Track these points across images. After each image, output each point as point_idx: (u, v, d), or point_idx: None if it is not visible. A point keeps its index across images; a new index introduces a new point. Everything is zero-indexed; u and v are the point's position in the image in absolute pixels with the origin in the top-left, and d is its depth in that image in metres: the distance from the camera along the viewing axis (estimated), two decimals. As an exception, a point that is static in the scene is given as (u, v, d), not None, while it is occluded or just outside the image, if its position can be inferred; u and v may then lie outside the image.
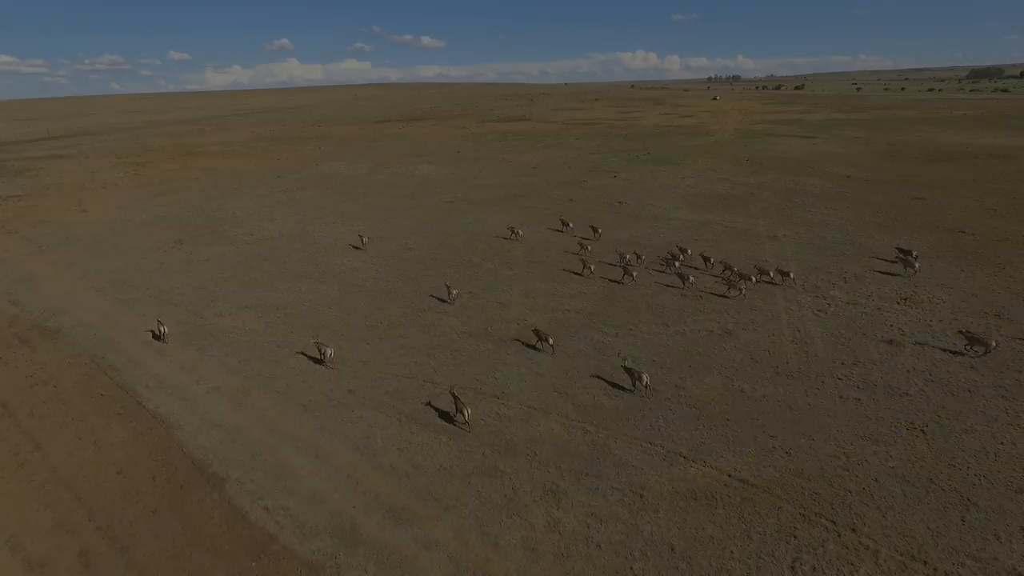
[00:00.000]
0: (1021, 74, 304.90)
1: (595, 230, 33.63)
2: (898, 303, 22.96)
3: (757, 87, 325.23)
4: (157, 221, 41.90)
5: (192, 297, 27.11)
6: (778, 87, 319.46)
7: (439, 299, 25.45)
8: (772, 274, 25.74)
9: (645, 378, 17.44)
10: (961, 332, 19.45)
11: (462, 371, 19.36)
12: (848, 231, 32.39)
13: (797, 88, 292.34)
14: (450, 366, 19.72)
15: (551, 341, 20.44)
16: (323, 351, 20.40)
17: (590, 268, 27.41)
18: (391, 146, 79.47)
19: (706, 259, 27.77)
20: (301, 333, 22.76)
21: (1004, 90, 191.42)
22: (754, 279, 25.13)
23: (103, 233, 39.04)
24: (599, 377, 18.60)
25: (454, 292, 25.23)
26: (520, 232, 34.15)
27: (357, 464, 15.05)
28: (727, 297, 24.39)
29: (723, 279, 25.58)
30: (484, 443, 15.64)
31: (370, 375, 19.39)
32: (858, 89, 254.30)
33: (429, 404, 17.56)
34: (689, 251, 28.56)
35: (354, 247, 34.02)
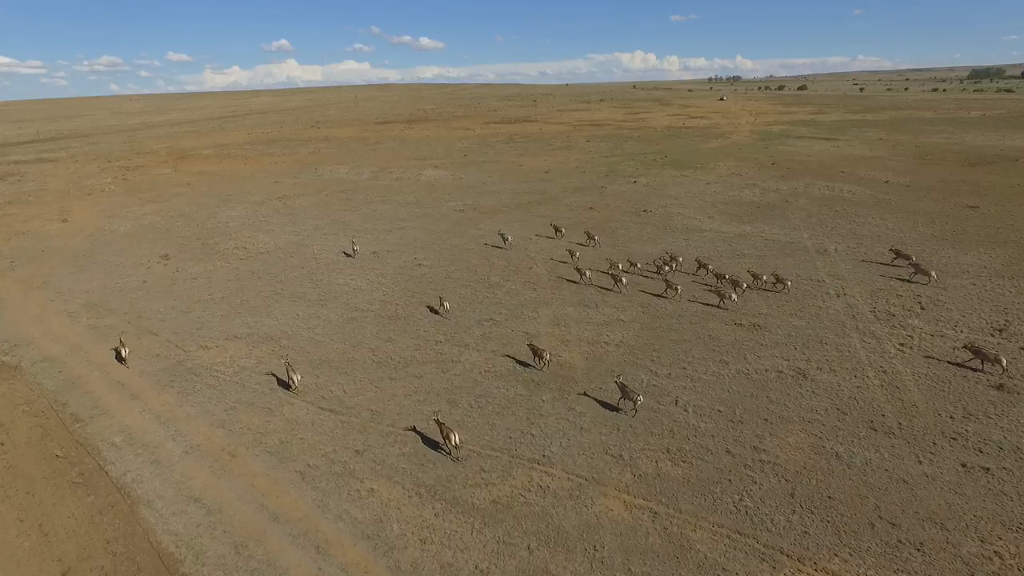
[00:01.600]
0: (1022, 74, 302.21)
1: (591, 237, 32.08)
2: (992, 335, 19.80)
3: (760, 87, 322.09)
4: (143, 232, 38.65)
5: (175, 324, 23.88)
6: (780, 87, 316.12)
7: (456, 329, 22.27)
8: (765, 279, 24.47)
9: (639, 400, 16.18)
10: (968, 346, 18.12)
11: (491, 425, 16.16)
12: (906, 245, 29.19)
13: (800, 89, 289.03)
14: (476, 418, 16.52)
15: (547, 358, 18.81)
16: (291, 376, 18.24)
17: (586, 275, 26.30)
18: (394, 149, 76.25)
19: (702, 264, 26.60)
20: (299, 369, 19.48)
21: (1008, 90, 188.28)
22: (746, 286, 24.06)
23: (83, 246, 35.78)
24: (658, 433, 15.42)
25: (446, 304, 23.55)
26: (510, 239, 32.26)
27: (369, 562, 11.84)
28: (720, 307, 23.02)
29: (713, 289, 23.96)
30: (528, 531, 12.43)
31: (381, 430, 16.18)
32: (861, 90, 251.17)
33: (414, 429, 14.62)
34: (680, 258, 27.57)
35: (346, 254, 31.89)
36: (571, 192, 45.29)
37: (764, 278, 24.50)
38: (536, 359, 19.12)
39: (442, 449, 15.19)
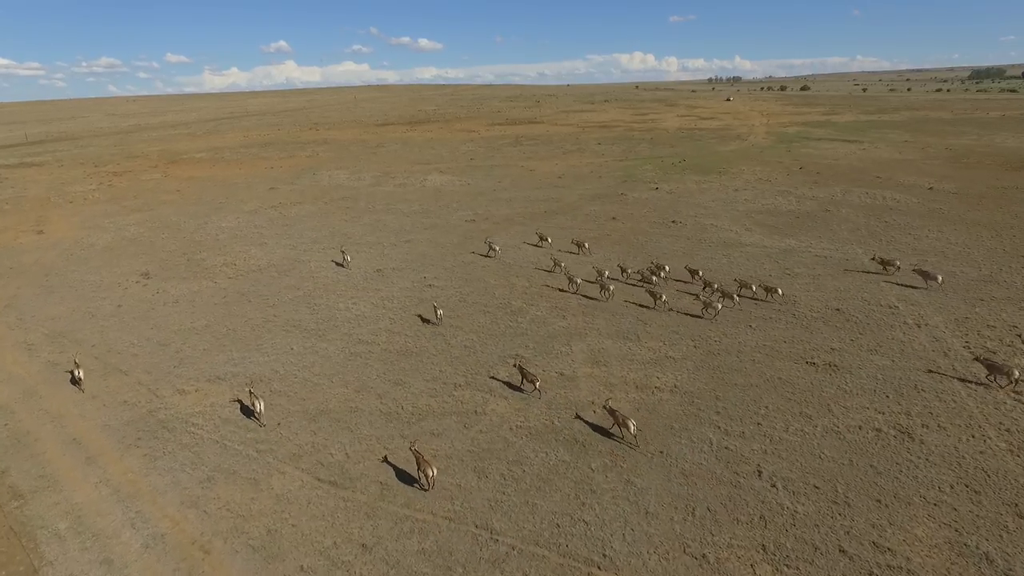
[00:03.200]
0: (1023, 75, 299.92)
1: (580, 245, 30.31)
2: (1123, 380, 16.55)
3: (762, 88, 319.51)
4: (124, 245, 35.34)
5: (149, 359, 20.59)
6: (783, 88, 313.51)
7: (476, 368, 19.01)
8: (755, 289, 23.28)
9: (632, 426, 14.65)
10: (979, 359, 17.00)
11: (532, 506, 12.87)
12: (978, 263, 26.00)
13: (803, 89, 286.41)
14: (512, 496, 13.23)
15: (537, 384, 16.98)
16: (256, 404, 16.45)
17: (576, 284, 24.86)
18: (395, 152, 72.97)
19: (693, 272, 25.49)
20: (292, 423, 16.32)
21: (1012, 91, 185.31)
22: (736, 297, 22.58)
23: (56, 262, 32.47)
24: (746, 521, 12.16)
25: (440, 312, 22.37)
26: (498, 249, 30.29)
27: None
28: (702, 317, 21.67)
29: (700, 299, 22.45)
30: None
31: (393, 512, 12.90)
32: (864, 90, 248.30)
33: (385, 460, 11.19)
34: (668, 267, 26.18)
35: (337, 264, 30.10)
36: (589, 200, 42.02)
37: (753, 288, 23.33)
38: (525, 382, 17.35)
39: (417, 484, 13.54)
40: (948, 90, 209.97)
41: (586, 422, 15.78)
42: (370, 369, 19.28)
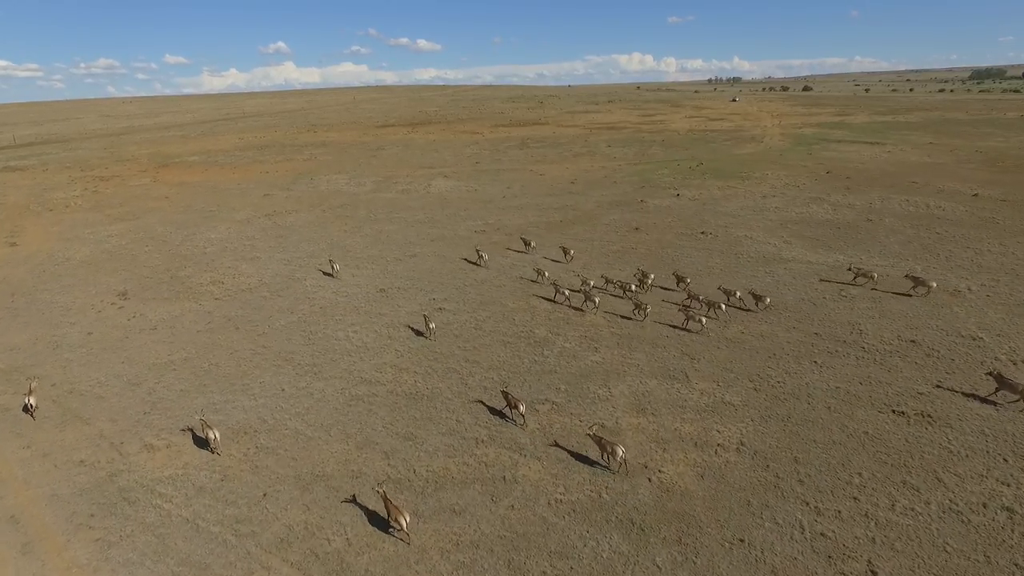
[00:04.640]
0: (1023, 75, 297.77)
1: (566, 252, 28.59)
2: None
3: (765, 88, 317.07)
4: (103, 260, 32.36)
5: (116, 403, 17.65)
6: (785, 88, 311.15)
7: (496, 413, 16.10)
8: (739, 295, 22.17)
9: (620, 453, 13.48)
10: (991, 374, 15.86)
11: (589, 627, 9.95)
12: (1058, 283, 23.12)
13: (805, 89, 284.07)
14: (561, 608, 10.32)
15: (522, 409, 15.48)
16: (209, 434, 14.93)
17: (564, 294, 23.51)
18: (397, 155, 69.97)
19: (680, 278, 24.27)
20: (281, 493, 13.42)
21: (1016, 91, 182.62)
22: (723, 306, 21.31)
23: (25, 279, 29.48)
24: (873, 654, 9.24)
25: (432, 325, 20.95)
26: (486, 257, 28.38)
27: None
28: (688, 330, 20.38)
29: (682, 309, 21.28)
30: None
31: (409, 635, 9.96)
32: (866, 91, 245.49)
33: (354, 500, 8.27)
34: (652, 276, 24.71)
35: (325, 274, 28.25)
36: (607, 208, 39.07)
37: (738, 295, 22.24)
38: (510, 409, 15.77)
39: (391, 530, 12.06)
40: (952, 90, 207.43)
41: (637, 492, 12.87)
42: (374, 417, 16.34)
